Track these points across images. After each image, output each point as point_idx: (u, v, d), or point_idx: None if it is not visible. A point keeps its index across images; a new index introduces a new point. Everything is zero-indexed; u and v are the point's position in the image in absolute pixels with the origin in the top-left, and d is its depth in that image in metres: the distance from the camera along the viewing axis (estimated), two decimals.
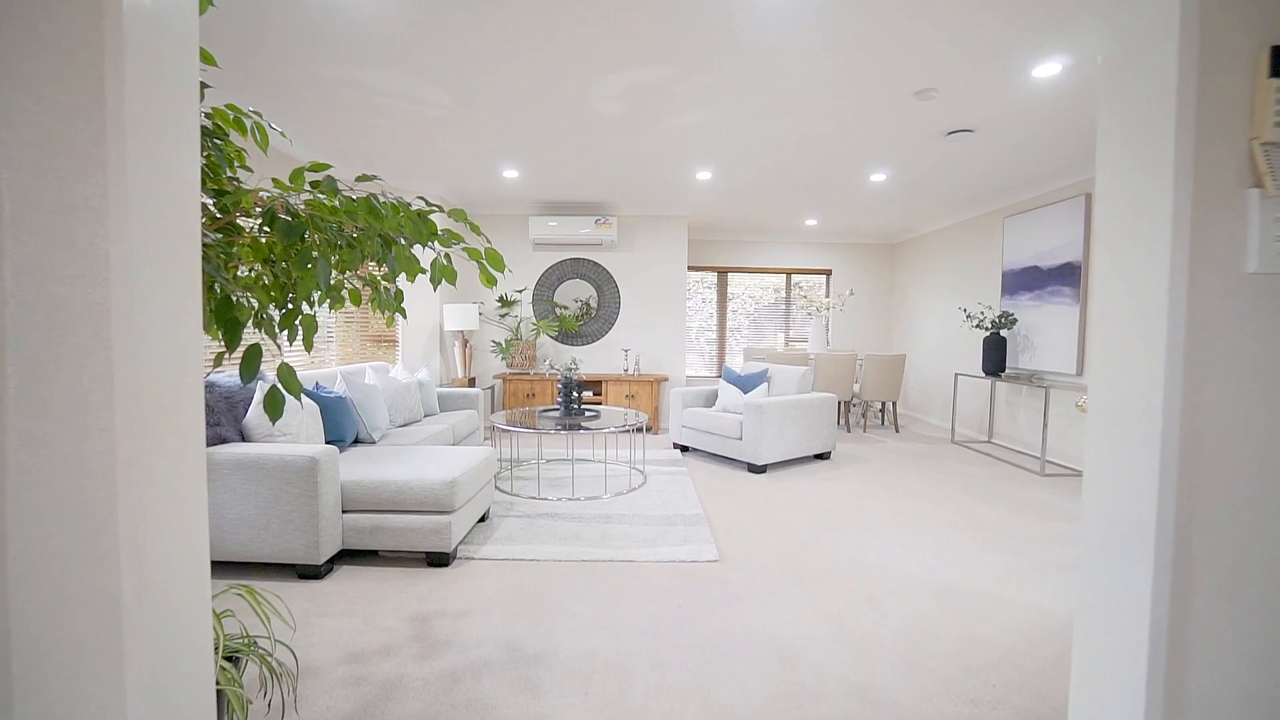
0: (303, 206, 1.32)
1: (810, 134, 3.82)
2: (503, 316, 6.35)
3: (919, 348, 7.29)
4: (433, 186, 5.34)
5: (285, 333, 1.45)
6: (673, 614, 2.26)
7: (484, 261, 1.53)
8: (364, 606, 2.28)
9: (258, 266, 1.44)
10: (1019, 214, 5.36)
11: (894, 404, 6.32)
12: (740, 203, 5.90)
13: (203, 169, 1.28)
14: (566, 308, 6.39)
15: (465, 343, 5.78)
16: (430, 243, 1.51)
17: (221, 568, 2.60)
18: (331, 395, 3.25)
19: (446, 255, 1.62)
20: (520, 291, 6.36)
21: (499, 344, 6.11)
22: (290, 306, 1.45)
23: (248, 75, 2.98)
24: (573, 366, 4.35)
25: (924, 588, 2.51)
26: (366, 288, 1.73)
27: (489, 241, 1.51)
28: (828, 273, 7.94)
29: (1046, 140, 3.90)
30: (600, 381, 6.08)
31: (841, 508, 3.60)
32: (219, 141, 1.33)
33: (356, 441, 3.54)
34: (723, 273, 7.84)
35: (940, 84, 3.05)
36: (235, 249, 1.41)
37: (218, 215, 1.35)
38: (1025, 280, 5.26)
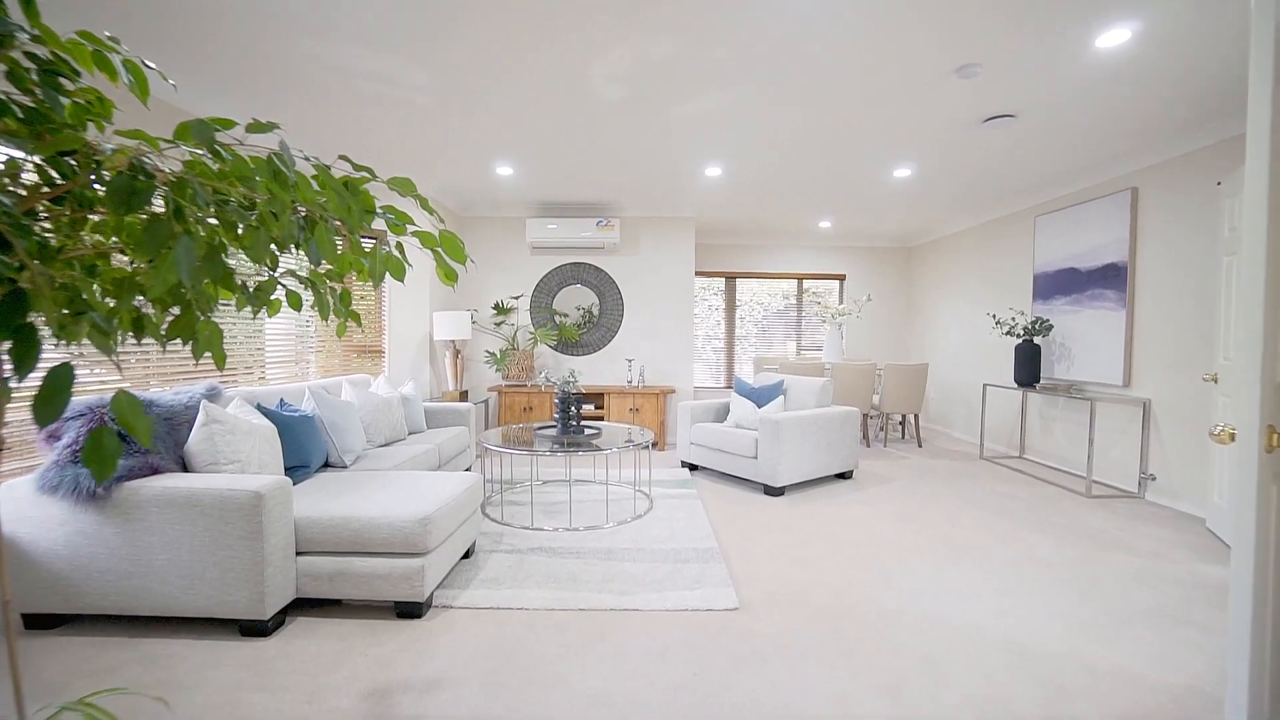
0: (177, 168, 0.94)
1: (832, 122, 3.44)
2: (498, 325, 5.97)
3: (940, 356, 6.87)
4: (422, 187, 4.98)
5: (191, 345, 1.08)
6: (688, 684, 1.85)
7: (440, 249, 1.15)
8: (312, 676, 1.88)
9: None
10: (1053, 212, 4.96)
11: (916, 416, 5.90)
12: (751, 203, 5.53)
13: (28, 115, 0.90)
14: (566, 315, 6.00)
15: (457, 353, 5.39)
16: (366, 224, 1.13)
17: (147, 624, 2.20)
18: (295, 414, 2.86)
19: (399, 245, 1.25)
20: (517, 298, 5.98)
21: (493, 354, 5.72)
22: (192, 308, 1.07)
23: (193, 47, 2.63)
24: (570, 379, 3.95)
25: (988, 646, 2.09)
26: (307, 288, 1.35)
27: (442, 221, 1.13)
28: (841, 278, 7.55)
29: (1097, 126, 3.51)
30: (602, 394, 5.68)
31: (873, 538, 3.18)
32: (63, 79, 0.95)
33: (327, 466, 3.15)
34: (731, 278, 7.45)
35: (985, 58, 2.67)
36: (97, 233, 1.03)
37: (59, 179, 0.97)
38: (1061, 283, 4.85)
